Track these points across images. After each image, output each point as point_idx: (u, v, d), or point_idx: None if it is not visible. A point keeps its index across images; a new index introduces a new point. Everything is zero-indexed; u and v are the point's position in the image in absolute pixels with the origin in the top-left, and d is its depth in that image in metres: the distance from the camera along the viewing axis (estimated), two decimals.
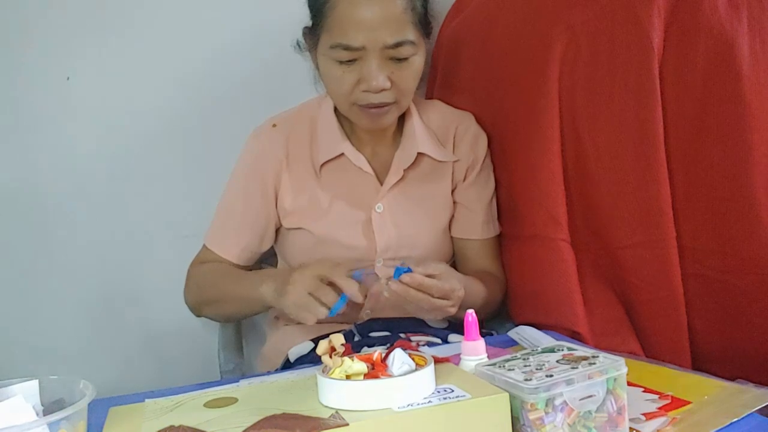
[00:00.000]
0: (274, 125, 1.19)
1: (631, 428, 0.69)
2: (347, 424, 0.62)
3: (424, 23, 1.10)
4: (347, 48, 1.04)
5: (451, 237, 1.22)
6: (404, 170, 1.16)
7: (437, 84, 1.38)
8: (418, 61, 1.08)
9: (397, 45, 1.04)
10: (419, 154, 1.16)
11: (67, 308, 1.40)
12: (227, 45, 1.40)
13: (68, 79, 1.38)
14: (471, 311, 0.78)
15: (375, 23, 1.02)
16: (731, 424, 0.70)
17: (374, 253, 1.15)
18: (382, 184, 1.17)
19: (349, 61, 1.05)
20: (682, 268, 1.02)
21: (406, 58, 1.06)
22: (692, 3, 0.97)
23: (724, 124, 0.96)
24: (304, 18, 1.14)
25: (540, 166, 1.10)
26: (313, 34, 1.12)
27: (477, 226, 1.21)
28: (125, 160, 1.42)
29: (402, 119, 1.18)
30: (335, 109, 1.17)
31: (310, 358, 1.13)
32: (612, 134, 1.04)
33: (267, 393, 0.75)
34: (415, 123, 1.17)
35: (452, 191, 1.21)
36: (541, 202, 1.11)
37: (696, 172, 0.99)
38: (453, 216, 1.22)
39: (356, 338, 1.12)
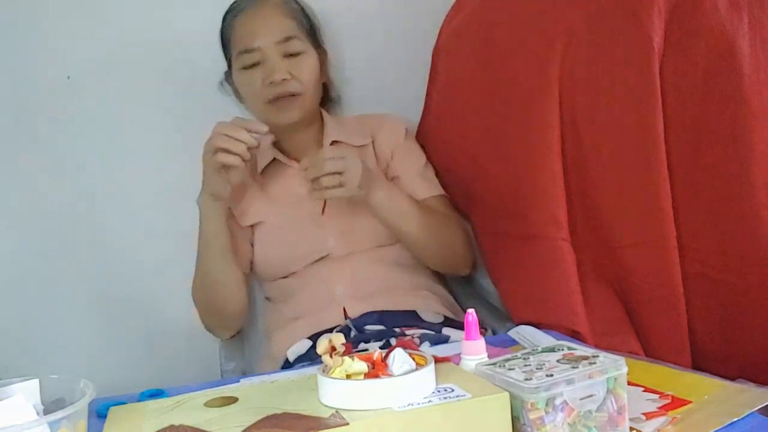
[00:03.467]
0: None
1: (631, 428, 0.69)
2: (347, 424, 0.62)
3: (311, 33, 1.32)
4: (247, 50, 1.26)
5: None
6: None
7: (438, 83, 1.38)
8: (311, 61, 1.29)
9: (287, 39, 1.26)
10: (334, 141, 1.31)
11: (68, 307, 1.40)
12: None
13: (68, 78, 1.38)
14: (471, 311, 0.77)
15: (265, 28, 1.26)
16: (732, 423, 0.70)
17: (324, 235, 1.25)
18: None
19: (253, 65, 1.26)
20: (683, 268, 1.02)
21: (298, 53, 1.27)
22: (693, 3, 0.97)
23: (724, 124, 0.95)
24: None
25: (540, 166, 1.10)
26: (228, 67, 1.34)
27: (416, 186, 1.30)
28: (126, 160, 1.42)
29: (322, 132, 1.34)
30: None
31: (309, 357, 1.14)
32: (612, 134, 1.03)
33: (267, 392, 0.75)
34: (329, 127, 1.34)
35: (386, 173, 1.32)
36: (541, 202, 1.11)
37: (696, 172, 0.99)
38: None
39: (352, 333, 1.14)
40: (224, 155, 1.09)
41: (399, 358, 0.69)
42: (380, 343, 1.10)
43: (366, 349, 1.05)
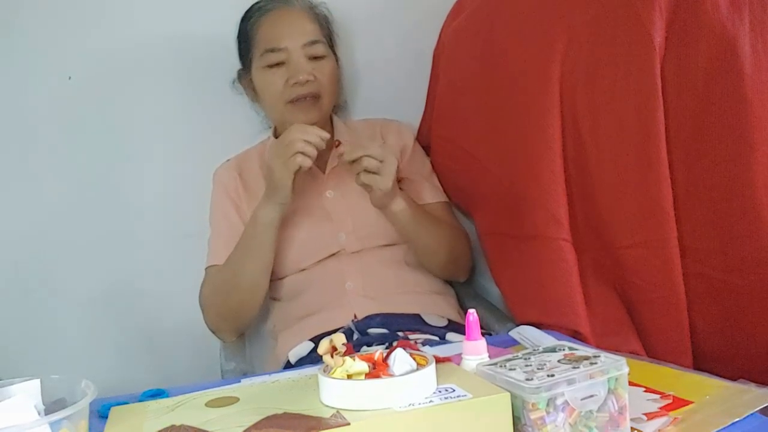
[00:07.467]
0: (228, 160, 1.39)
1: (632, 428, 0.69)
2: (348, 424, 0.62)
3: (329, 41, 1.36)
4: (274, 50, 1.28)
5: None
6: (338, 156, 1.23)
7: (439, 84, 1.38)
8: (332, 66, 1.33)
9: (313, 43, 1.30)
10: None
11: (68, 308, 1.40)
12: (230, 43, 1.40)
13: (70, 78, 1.38)
14: (472, 311, 0.77)
15: (292, 30, 1.29)
16: (733, 424, 0.70)
17: (335, 230, 1.27)
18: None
19: (278, 64, 1.28)
20: (684, 268, 1.01)
21: (322, 57, 1.30)
22: (694, 2, 0.97)
23: (725, 124, 0.95)
24: None
25: (541, 166, 1.10)
26: (245, 65, 1.35)
27: (424, 190, 1.35)
28: (127, 160, 1.42)
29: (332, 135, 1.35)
30: (275, 136, 1.36)
31: (311, 359, 1.14)
32: (613, 134, 1.03)
33: (268, 392, 0.75)
34: (339, 130, 1.37)
35: None
36: (542, 201, 1.11)
37: (697, 172, 0.99)
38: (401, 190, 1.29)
39: (355, 336, 1.14)
40: (302, 157, 1.12)
41: (400, 358, 0.69)
42: (382, 347, 1.10)
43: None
